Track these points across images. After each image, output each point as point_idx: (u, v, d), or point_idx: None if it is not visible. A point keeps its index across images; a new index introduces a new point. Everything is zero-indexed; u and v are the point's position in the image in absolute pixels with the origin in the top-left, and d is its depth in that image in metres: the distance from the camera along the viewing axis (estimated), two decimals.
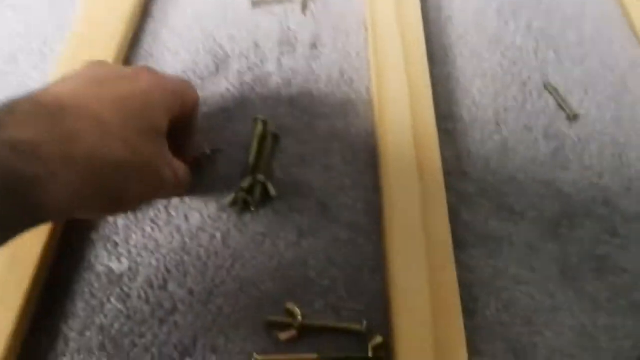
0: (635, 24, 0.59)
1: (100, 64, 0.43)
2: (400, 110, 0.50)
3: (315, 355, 0.41)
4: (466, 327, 0.41)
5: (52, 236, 0.44)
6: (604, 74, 0.57)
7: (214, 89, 0.54)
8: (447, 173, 0.49)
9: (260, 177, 0.47)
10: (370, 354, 0.41)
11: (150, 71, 0.43)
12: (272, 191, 0.47)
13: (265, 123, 0.51)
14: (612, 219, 0.48)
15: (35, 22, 0.58)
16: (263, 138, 0.50)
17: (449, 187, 0.48)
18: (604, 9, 0.61)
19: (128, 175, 0.36)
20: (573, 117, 0.53)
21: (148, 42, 0.57)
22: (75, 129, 0.34)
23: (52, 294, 0.43)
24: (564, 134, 0.53)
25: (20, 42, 0.56)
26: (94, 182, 0.34)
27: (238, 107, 0.53)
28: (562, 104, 0.54)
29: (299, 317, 0.42)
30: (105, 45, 0.53)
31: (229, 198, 0.47)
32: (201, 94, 0.49)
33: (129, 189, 0.37)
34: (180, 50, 0.56)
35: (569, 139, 0.52)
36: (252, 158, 0.49)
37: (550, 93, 0.55)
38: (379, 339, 0.42)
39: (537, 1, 0.62)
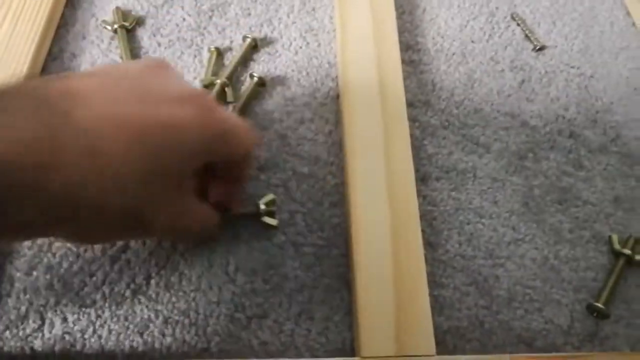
0: None
1: (157, 67, 0.33)
2: (364, 39, 0.46)
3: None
4: (428, 260, 0.39)
5: None
6: (572, 5, 0.53)
7: (169, 17, 0.49)
8: (411, 104, 0.46)
9: (222, 79, 0.44)
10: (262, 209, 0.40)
11: (204, 97, 0.33)
12: (230, 97, 0.44)
13: (219, 52, 0.47)
14: (576, 151, 0.46)
15: None
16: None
17: (412, 119, 0.45)
18: None
19: (107, 221, 0.30)
20: (540, 49, 0.50)
21: None
22: (63, 145, 0.26)
23: None
24: (530, 65, 0.50)
25: None
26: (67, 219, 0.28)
27: (193, 38, 0.48)
28: (529, 35, 0.51)
29: None
30: None
31: None
32: (154, 21, 0.45)
33: (110, 232, 0.31)
34: None
35: (535, 70, 0.49)
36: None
37: (518, 24, 0.52)
38: (269, 196, 0.41)
39: None
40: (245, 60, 0.47)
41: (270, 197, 0.41)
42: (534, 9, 0.53)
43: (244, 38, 0.48)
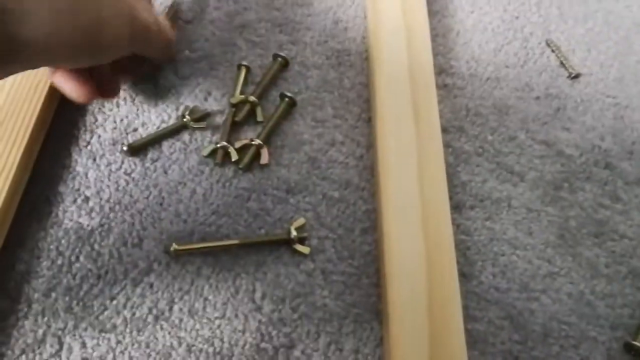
0: None
1: None
2: (397, 62, 0.45)
3: (236, 241, 0.38)
4: (461, 291, 0.37)
5: (15, 190, 0.38)
6: (608, 33, 0.52)
7: (199, 32, 0.48)
8: (444, 130, 0.44)
9: (251, 97, 0.43)
10: (293, 235, 0.39)
11: None
12: (260, 116, 0.43)
13: (248, 69, 0.45)
14: (613, 183, 0.44)
15: None
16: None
17: (446, 144, 0.43)
18: None
19: (102, 6, 0.32)
20: (575, 76, 0.49)
21: None
22: None
23: (14, 251, 0.38)
24: (565, 93, 0.48)
25: None
26: (68, 14, 0.30)
27: (223, 53, 0.47)
28: (564, 62, 0.49)
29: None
30: None
31: (207, 148, 0.42)
32: (184, 35, 0.43)
33: (105, 23, 0.32)
34: None
35: (570, 98, 0.48)
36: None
37: (553, 50, 0.50)
38: (301, 221, 0.39)
39: None
40: (276, 79, 0.46)
41: (301, 221, 0.39)
42: (569, 35, 0.51)
43: (275, 56, 0.46)
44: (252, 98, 0.44)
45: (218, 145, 0.42)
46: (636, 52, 0.51)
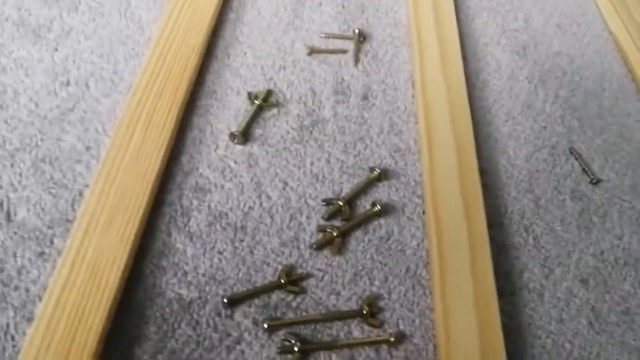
0: None
1: None
2: (448, 163, 0.52)
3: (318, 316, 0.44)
4: None
5: (127, 263, 0.44)
6: (622, 144, 0.60)
7: (276, 129, 0.55)
8: (488, 225, 0.51)
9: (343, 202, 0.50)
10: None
11: None
12: (346, 214, 0.50)
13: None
14: (634, 276, 0.51)
15: (106, 51, 0.59)
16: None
17: (490, 238, 0.50)
18: (622, 85, 0.65)
19: None
20: (596, 182, 0.57)
21: (212, 80, 0.58)
22: None
23: (126, 317, 0.43)
24: (587, 197, 0.56)
25: (91, 68, 0.57)
26: None
27: (297, 149, 0.54)
28: (585, 169, 0.57)
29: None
30: (176, 78, 0.54)
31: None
32: (262, 132, 0.51)
33: None
34: (242, 91, 0.58)
35: (592, 202, 0.55)
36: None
37: (575, 158, 0.58)
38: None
39: (562, 72, 0.66)
40: (367, 187, 0.53)
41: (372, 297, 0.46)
42: (589, 145, 0.59)
43: (371, 170, 0.53)
44: (342, 201, 0.51)
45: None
46: None
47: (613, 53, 0.68)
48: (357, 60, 0.62)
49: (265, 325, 0.44)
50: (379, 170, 0.53)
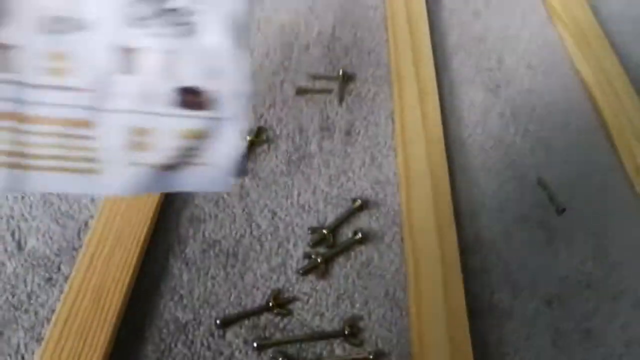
0: (612, 134, 0.68)
1: None
2: (424, 193, 0.57)
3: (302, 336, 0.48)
4: None
5: (128, 287, 0.49)
6: (586, 175, 0.65)
7: (266, 163, 0.60)
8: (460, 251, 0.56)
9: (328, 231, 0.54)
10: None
11: None
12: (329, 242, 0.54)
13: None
14: (594, 299, 0.56)
15: None
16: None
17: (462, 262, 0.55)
18: (587, 119, 0.70)
19: None
20: (561, 211, 0.61)
21: None
22: None
23: (127, 337, 0.48)
24: (554, 225, 0.60)
25: None
26: None
27: (285, 182, 0.59)
28: (552, 199, 0.62)
29: None
30: None
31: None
32: (254, 165, 0.55)
33: None
34: None
35: (558, 230, 0.60)
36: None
37: (543, 188, 0.63)
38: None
39: (531, 108, 0.71)
40: (350, 217, 0.57)
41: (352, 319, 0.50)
42: (556, 176, 0.64)
43: (354, 201, 0.58)
44: (327, 230, 0.55)
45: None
46: (609, 192, 0.64)
47: (578, 90, 0.73)
48: (341, 99, 0.67)
49: (255, 345, 0.48)
50: (360, 201, 0.58)
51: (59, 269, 0.51)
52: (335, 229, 0.56)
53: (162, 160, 0.28)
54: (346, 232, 0.56)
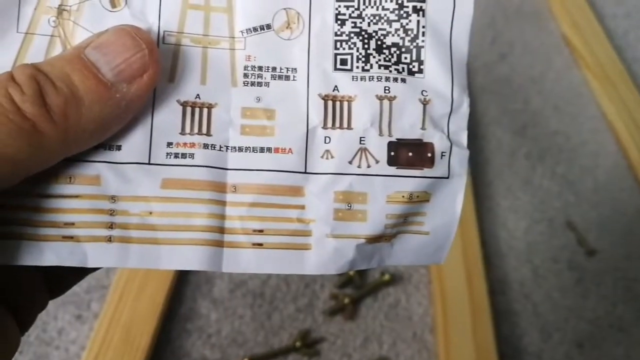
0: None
1: None
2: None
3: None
4: None
5: (157, 326, 0.50)
6: (615, 217, 0.65)
7: None
8: (488, 293, 0.56)
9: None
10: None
11: None
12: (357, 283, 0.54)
13: None
14: (627, 343, 0.55)
15: None
16: None
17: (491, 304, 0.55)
18: (614, 161, 0.71)
19: None
20: (591, 253, 0.61)
21: None
22: None
23: None
24: (583, 266, 0.60)
25: None
26: None
27: None
28: (581, 241, 0.62)
29: None
30: None
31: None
32: None
33: None
34: None
35: (588, 271, 0.60)
36: None
37: (571, 231, 0.63)
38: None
39: (558, 149, 0.71)
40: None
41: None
42: (584, 218, 0.64)
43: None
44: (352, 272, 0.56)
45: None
46: (638, 234, 0.64)
47: (606, 132, 0.74)
48: None
49: None
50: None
51: (88, 306, 0.52)
52: (362, 270, 0.57)
53: (374, 232, 0.23)
54: (373, 274, 0.57)
